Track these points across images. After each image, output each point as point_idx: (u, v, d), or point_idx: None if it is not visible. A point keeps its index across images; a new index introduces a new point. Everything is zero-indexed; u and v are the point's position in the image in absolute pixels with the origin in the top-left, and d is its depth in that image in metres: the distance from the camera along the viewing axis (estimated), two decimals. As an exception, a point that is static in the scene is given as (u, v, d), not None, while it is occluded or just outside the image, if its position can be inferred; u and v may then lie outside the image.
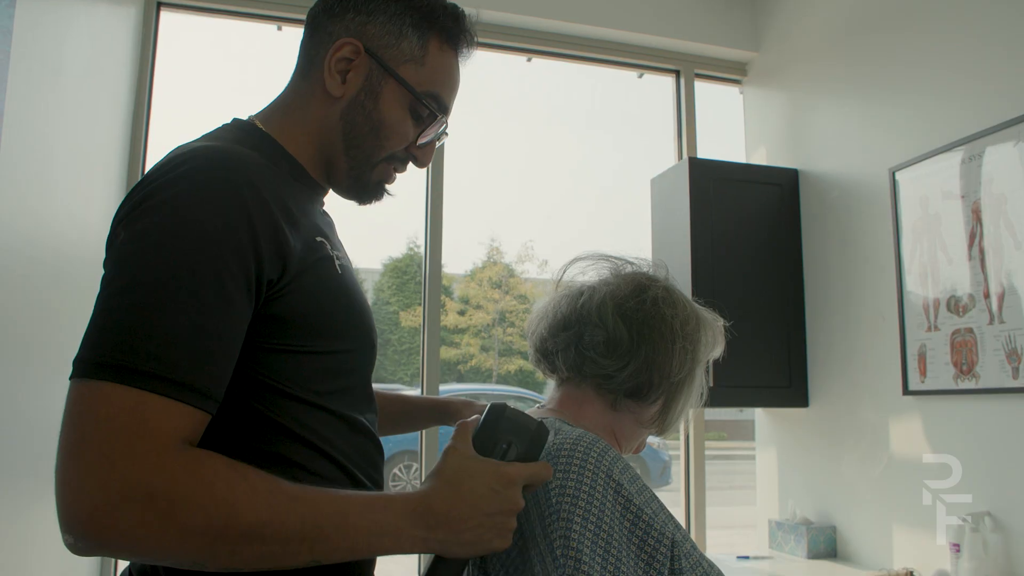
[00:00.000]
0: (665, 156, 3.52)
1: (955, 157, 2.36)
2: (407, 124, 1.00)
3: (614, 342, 1.00)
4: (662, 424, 1.07)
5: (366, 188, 1.03)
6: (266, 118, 1.00)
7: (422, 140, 1.03)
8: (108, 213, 0.95)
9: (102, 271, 0.81)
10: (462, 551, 0.83)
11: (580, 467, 0.90)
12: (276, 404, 0.86)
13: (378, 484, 1.00)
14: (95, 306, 0.78)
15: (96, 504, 0.69)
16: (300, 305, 0.86)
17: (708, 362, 1.09)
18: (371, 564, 0.98)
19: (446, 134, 1.07)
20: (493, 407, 0.90)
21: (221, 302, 0.78)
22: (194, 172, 0.82)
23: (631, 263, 1.10)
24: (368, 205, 1.05)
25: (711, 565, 0.95)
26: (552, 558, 0.86)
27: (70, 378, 0.75)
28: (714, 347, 1.08)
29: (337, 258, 0.94)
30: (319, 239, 0.92)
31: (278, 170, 0.92)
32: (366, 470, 0.96)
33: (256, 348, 0.84)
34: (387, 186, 1.05)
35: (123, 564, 0.90)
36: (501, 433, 0.87)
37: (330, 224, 1.06)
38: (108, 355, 0.73)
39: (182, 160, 0.84)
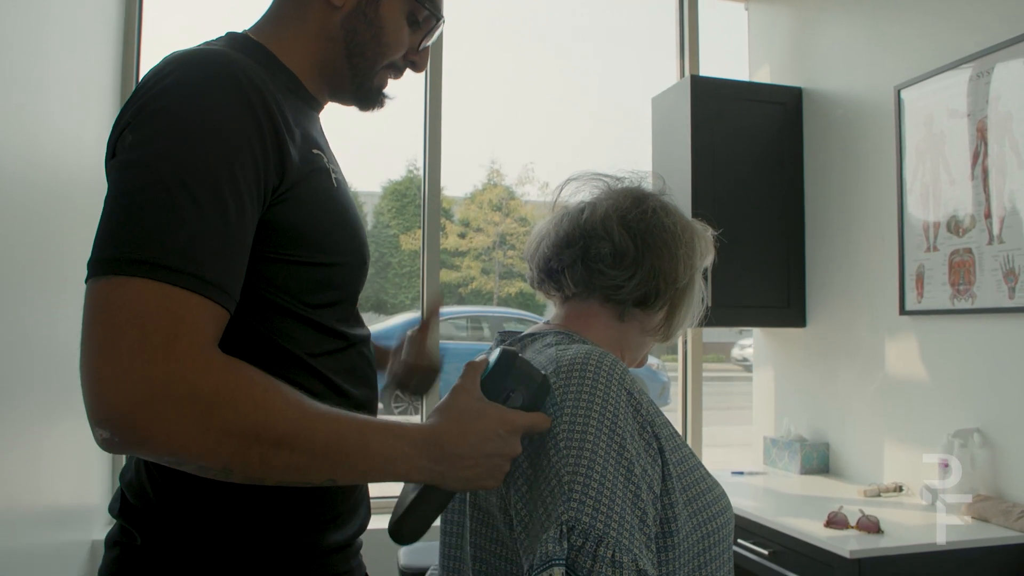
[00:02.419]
0: (667, 74, 3.46)
1: (963, 74, 2.31)
2: (404, 31, 1.02)
3: (620, 253, 1.02)
4: (667, 330, 1.09)
5: (369, 95, 1.04)
6: (259, 30, 0.99)
7: (423, 45, 1.04)
8: (103, 134, 0.94)
9: (106, 181, 0.80)
10: (456, 485, 0.86)
11: (594, 377, 0.91)
12: (266, 316, 0.87)
13: (371, 400, 1.01)
14: (107, 208, 0.76)
15: (137, 399, 0.68)
16: (295, 214, 0.86)
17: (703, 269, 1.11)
18: (361, 492, 1.01)
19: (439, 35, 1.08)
20: (505, 354, 0.91)
21: (238, 201, 0.78)
22: (198, 72, 0.81)
23: (622, 179, 1.11)
24: (369, 111, 1.06)
25: (707, 475, 0.97)
26: (556, 451, 0.87)
27: (88, 278, 0.73)
28: (707, 255, 1.10)
29: (333, 171, 0.94)
30: (315, 151, 0.92)
31: (275, 79, 0.91)
32: (358, 386, 0.98)
33: (252, 255, 0.83)
34: (384, 91, 1.06)
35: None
36: (509, 381, 0.89)
37: (326, 139, 1.05)
38: (134, 251, 0.71)
39: (183, 63, 0.83)
